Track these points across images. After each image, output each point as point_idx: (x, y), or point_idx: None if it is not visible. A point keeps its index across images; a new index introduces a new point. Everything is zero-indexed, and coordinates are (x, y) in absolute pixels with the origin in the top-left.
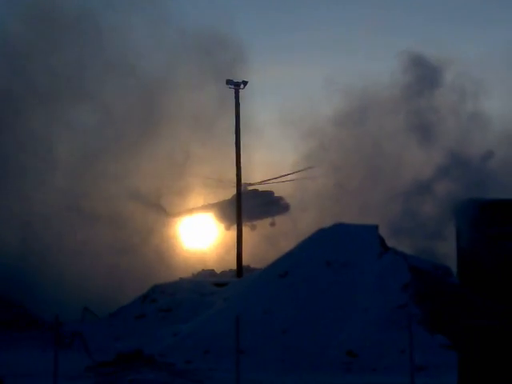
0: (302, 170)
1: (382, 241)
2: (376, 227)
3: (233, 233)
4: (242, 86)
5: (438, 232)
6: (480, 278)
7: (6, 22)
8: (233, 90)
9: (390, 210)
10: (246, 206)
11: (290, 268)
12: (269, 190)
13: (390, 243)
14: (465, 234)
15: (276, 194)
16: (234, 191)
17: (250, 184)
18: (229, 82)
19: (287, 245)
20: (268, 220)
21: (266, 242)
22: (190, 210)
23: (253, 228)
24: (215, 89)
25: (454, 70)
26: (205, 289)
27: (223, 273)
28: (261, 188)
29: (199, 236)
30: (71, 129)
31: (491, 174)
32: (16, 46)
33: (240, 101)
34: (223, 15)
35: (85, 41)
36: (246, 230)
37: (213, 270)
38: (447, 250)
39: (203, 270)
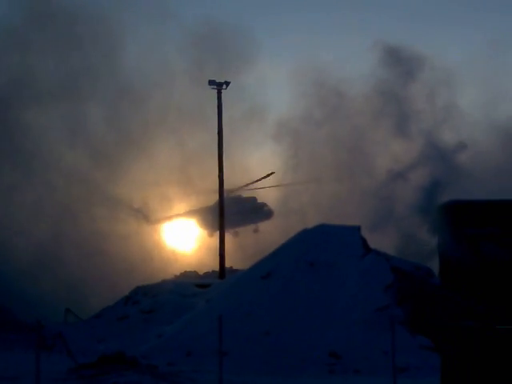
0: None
1: (364, 242)
2: (358, 228)
3: (216, 239)
4: (224, 86)
5: (418, 232)
6: (461, 278)
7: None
8: (215, 91)
9: (370, 210)
10: (228, 212)
11: (273, 269)
12: (252, 196)
13: (372, 244)
14: (445, 235)
15: (259, 201)
16: (216, 197)
17: (232, 190)
18: (211, 82)
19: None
20: (251, 227)
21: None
22: (173, 217)
23: (235, 235)
24: (198, 90)
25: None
26: (187, 290)
27: (206, 274)
28: (244, 194)
29: (182, 240)
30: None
31: (464, 167)
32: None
33: (222, 101)
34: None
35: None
36: (228, 236)
37: (195, 271)
38: (428, 251)
39: (186, 271)
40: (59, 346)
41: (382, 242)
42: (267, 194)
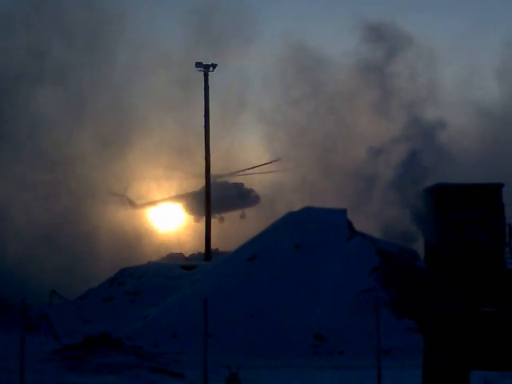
0: (270, 163)
1: (350, 224)
2: (344, 211)
3: (202, 224)
4: (211, 68)
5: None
6: (446, 262)
7: None
8: (202, 73)
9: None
10: (215, 197)
11: (259, 251)
12: (239, 182)
13: (358, 227)
14: (430, 219)
15: (246, 186)
16: (203, 183)
17: (220, 176)
18: (198, 64)
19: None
20: (238, 212)
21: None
22: (159, 201)
23: (221, 220)
24: (184, 72)
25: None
26: (173, 272)
27: (192, 256)
28: (231, 180)
29: (168, 224)
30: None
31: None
32: None
33: (209, 84)
34: None
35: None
36: (215, 222)
37: (181, 253)
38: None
39: (171, 253)
40: (44, 327)
41: (368, 224)
42: (254, 180)
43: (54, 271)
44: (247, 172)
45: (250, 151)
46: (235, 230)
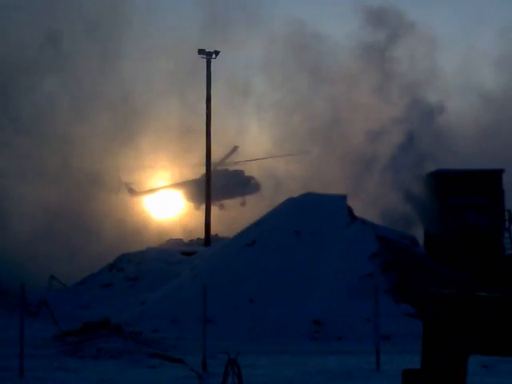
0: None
1: (350, 210)
2: (344, 197)
3: (202, 212)
4: (213, 55)
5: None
6: (445, 247)
7: None
8: (205, 60)
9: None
10: (215, 185)
11: (258, 237)
12: (239, 169)
13: (357, 213)
14: (430, 205)
15: (246, 174)
16: (203, 171)
17: (219, 163)
18: (201, 51)
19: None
20: (238, 199)
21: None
22: (159, 189)
23: (221, 207)
24: (187, 59)
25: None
26: (172, 258)
27: (191, 242)
28: (231, 168)
29: (168, 212)
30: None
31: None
32: None
33: (211, 71)
34: None
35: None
36: (215, 209)
37: (181, 239)
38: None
39: (171, 238)
40: (43, 313)
41: (368, 210)
42: (255, 167)
43: (52, 257)
44: (248, 161)
45: (252, 139)
46: (235, 216)
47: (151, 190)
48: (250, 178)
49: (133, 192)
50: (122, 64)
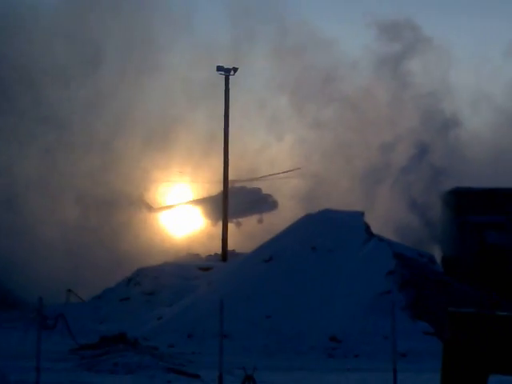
0: (291, 171)
1: (367, 227)
2: (362, 214)
3: (219, 228)
4: (232, 72)
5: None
6: (463, 265)
7: None
8: (223, 77)
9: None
10: (233, 202)
11: (275, 253)
12: (257, 187)
13: (375, 230)
14: (448, 222)
15: (264, 192)
16: (220, 188)
17: (237, 181)
18: (219, 68)
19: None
20: (256, 217)
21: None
22: (177, 205)
23: (238, 225)
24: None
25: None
26: (189, 272)
27: (208, 257)
28: (248, 185)
29: (186, 227)
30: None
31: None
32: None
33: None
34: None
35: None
36: (232, 226)
37: (198, 254)
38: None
39: (188, 253)
40: (60, 327)
41: (385, 227)
42: (272, 185)
43: (70, 271)
44: (265, 178)
45: (269, 156)
46: (252, 233)
47: (169, 206)
48: (267, 196)
49: (151, 208)
50: (141, 81)
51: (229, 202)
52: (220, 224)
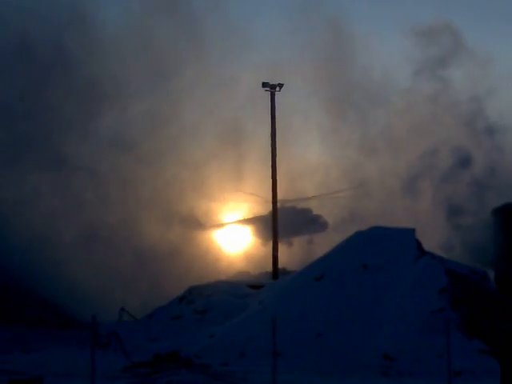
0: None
1: (418, 244)
2: (413, 230)
3: (269, 248)
4: (277, 88)
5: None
6: None
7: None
8: (268, 93)
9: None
10: (282, 223)
11: (326, 271)
12: (307, 207)
13: (427, 247)
14: (500, 239)
15: (314, 212)
16: (270, 207)
17: (288, 201)
18: (265, 84)
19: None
20: (306, 237)
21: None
22: (228, 224)
23: (289, 245)
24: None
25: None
26: (240, 291)
27: (259, 275)
28: (299, 205)
29: (236, 246)
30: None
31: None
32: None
33: (276, 104)
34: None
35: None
36: (282, 246)
37: (248, 272)
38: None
39: (239, 272)
40: (114, 345)
41: (437, 244)
42: (323, 206)
43: (123, 289)
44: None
45: (319, 175)
46: (303, 252)
47: (221, 225)
48: (317, 217)
49: (202, 226)
50: (186, 95)
51: (279, 223)
52: (270, 243)
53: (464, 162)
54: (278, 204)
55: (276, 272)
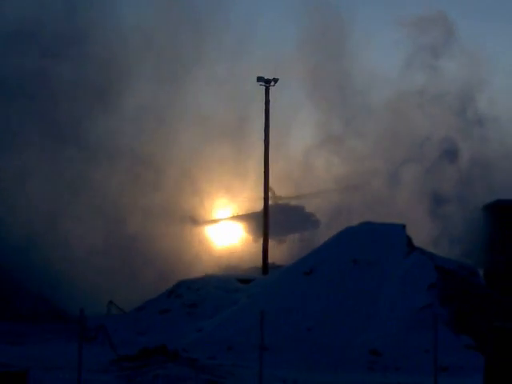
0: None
1: (408, 240)
2: (403, 226)
3: (260, 244)
4: (272, 83)
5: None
6: (505, 279)
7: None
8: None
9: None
10: (275, 220)
11: (316, 265)
12: (299, 205)
13: (417, 242)
14: (490, 236)
15: (307, 210)
16: (261, 204)
17: (280, 197)
18: (259, 79)
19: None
20: (298, 235)
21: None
22: (219, 220)
23: (280, 242)
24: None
25: None
26: (230, 285)
27: (249, 269)
28: (292, 203)
29: (227, 242)
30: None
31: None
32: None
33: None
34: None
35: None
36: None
37: (238, 266)
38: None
39: (228, 266)
40: (101, 338)
41: (426, 240)
42: (315, 203)
43: (111, 282)
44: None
45: (313, 172)
46: (293, 248)
47: (213, 221)
48: (310, 215)
49: (194, 222)
50: (182, 91)
51: (271, 220)
52: (261, 240)
53: (452, 155)
54: (272, 201)
55: (266, 266)
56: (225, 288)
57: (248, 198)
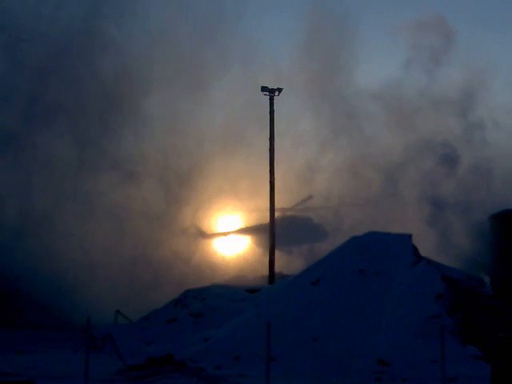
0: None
1: (415, 250)
2: (409, 236)
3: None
4: (276, 93)
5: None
6: None
7: None
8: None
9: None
10: (283, 231)
11: (323, 275)
12: (307, 216)
13: (423, 253)
14: (497, 245)
15: (315, 222)
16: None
17: (285, 209)
18: (264, 88)
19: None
20: (306, 246)
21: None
22: (227, 233)
23: (289, 253)
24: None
25: None
26: (236, 295)
27: (256, 279)
28: (299, 214)
29: (234, 252)
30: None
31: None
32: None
33: (274, 108)
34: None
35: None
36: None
37: (245, 276)
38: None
39: (235, 276)
40: (108, 347)
41: (434, 250)
42: (323, 215)
43: (119, 292)
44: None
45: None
46: (302, 258)
47: (221, 233)
48: (318, 226)
49: (202, 234)
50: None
51: (279, 232)
52: (267, 252)
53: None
54: (279, 213)
55: (272, 276)
56: (231, 297)
57: (256, 209)
